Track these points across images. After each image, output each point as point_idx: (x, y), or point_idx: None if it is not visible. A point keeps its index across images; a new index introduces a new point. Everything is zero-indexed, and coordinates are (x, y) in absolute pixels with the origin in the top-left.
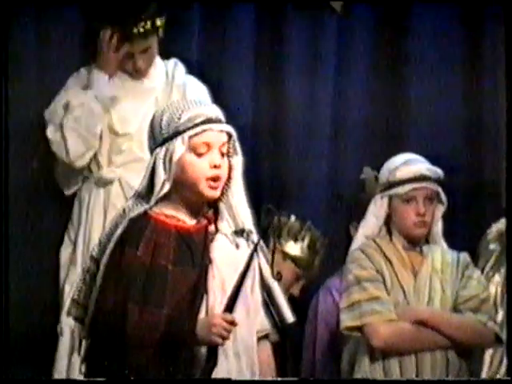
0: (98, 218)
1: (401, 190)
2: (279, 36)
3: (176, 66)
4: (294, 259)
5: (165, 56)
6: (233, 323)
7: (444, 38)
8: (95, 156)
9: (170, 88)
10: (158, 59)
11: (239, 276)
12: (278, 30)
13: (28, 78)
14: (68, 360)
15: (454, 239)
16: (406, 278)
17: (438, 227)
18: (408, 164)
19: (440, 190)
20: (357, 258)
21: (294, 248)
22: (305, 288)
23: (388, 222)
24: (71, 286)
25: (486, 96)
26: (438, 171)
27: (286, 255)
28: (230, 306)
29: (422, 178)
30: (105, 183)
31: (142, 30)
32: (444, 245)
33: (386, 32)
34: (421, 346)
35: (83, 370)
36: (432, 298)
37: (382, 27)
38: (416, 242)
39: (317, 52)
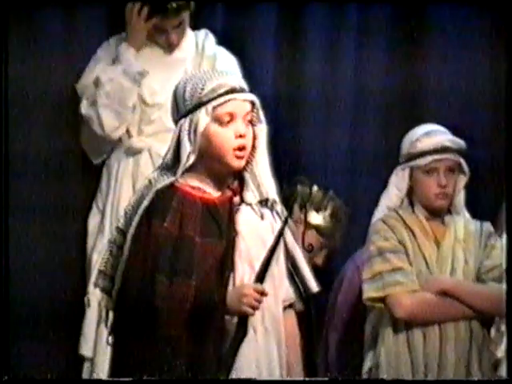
0: (126, 187)
1: (422, 161)
2: (301, 11)
3: (207, 37)
4: (317, 228)
5: (195, 27)
6: (263, 293)
7: (463, 9)
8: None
9: (201, 58)
10: (188, 31)
11: (269, 250)
12: (300, 6)
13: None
14: (95, 331)
15: (476, 209)
16: (429, 248)
17: (461, 198)
18: (429, 135)
19: (462, 160)
20: (379, 229)
21: (317, 217)
22: (328, 257)
23: (410, 193)
24: (99, 254)
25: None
26: (460, 142)
27: (309, 225)
28: (260, 277)
29: (443, 150)
30: (134, 152)
31: (175, 5)
32: (467, 215)
33: (406, 11)
34: (444, 316)
35: (110, 341)
36: (455, 269)
37: (401, 6)
38: (438, 213)
39: (338, 22)
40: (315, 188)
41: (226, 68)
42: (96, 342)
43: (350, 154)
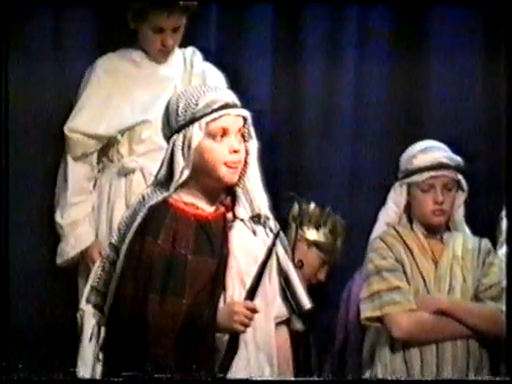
0: (119, 207)
1: (418, 178)
2: (298, 21)
3: (194, 54)
4: (317, 245)
5: (182, 44)
6: (254, 310)
7: (463, 23)
8: (116, 145)
9: (189, 76)
10: (176, 47)
11: (260, 265)
12: (297, 15)
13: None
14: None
15: (474, 225)
16: (427, 266)
17: (460, 214)
18: (426, 152)
19: (460, 177)
20: (377, 247)
21: (316, 234)
22: (330, 272)
23: (408, 209)
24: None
25: (506, 81)
26: (457, 159)
27: (309, 242)
28: (250, 294)
29: (439, 166)
30: (126, 173)
31: (182, 3)
32: (467, 231)
33: (406, 18)
34: (441, 336)
35: (101, 357)
36: (453, 287)
37: (401, 14)
38: (436, 230)
39: (336, 37)
40: (312, 205)
41: (215, 84)
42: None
43: (350, 169)
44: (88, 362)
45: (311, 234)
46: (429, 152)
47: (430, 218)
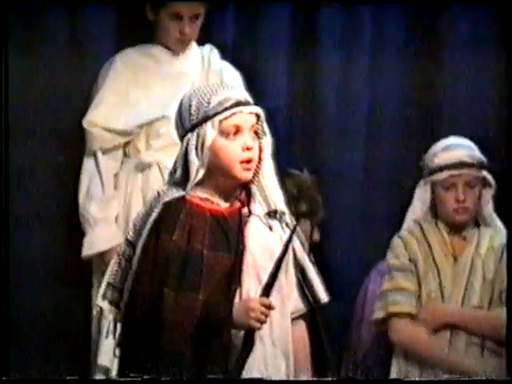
0: (136, 202)
1: (439, 176)
2: (314, 19)
3: (212, 52)
4: (304, 215)
5: (200, 42)
6: (270, 307)
7: (479, 20)
8: (133, 140)
9: (207, 73)
10: (194, 44)
11: (276, 261)
12: (313, 13)
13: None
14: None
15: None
16: (445, 262)
17: (489, 209)
18: (447, 150)
19: (485, 173)
20: (394, 246)
21: (301, 207)
22: (321, 230)
23: (434, 206)
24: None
25: None
26: (479, 156)
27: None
28: (266, 291)
29: (460, 165)
30: (143, 167)
31: None
32: (498, 226)
33: (420, 16)
34: (430, 361)
35: (117, 353)
36: (471, 282)
37: (415, 11)
38: (460, 228)
39: (352, 35)
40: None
41: (233, 82)
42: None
43: (365, 165)
44: (109, 355)
45: (298, 210)
46: (450, 150)
47: (453, 216)
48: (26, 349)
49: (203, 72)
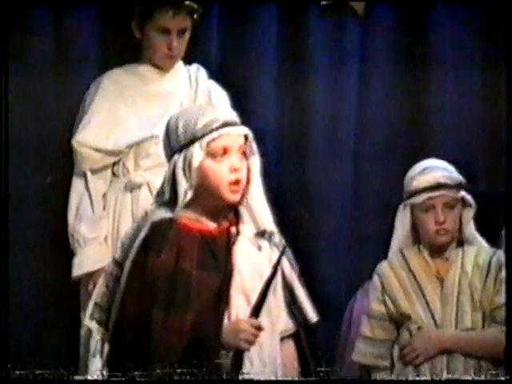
0: (125, 222)
1: (418, 199)
2: (301, 37)
3: (198, 71)
4: None
5: (186, 60)
6: (259, 328)
7: (464, 38)
8: (121, 160)
9: (195, 93)
10: (181, 63)
11: (265, 282)
12: (299, 31)
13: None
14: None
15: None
16: (431, 287)
17: (471, 228)
18: (424, 173)
19: (464, 193)
20: (373, 286)
21: None
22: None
23: (414, 230)
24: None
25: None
26: (457, 177)
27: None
28: (255, 311)
29: (437, 187)
30: (132, 187)
31: (187, 3)
32: (482, 244)
33: (407, 32)
34: None
35: (105, 373)
36: (461, 304)
37: (402, 27)
38: (442, 249)
39: (339, 53)
40: None
41: (220, 102)
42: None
43: (354, 186)
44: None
45: None
46: (427, 173)
47: (434, 237)
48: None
49: (191, 91)
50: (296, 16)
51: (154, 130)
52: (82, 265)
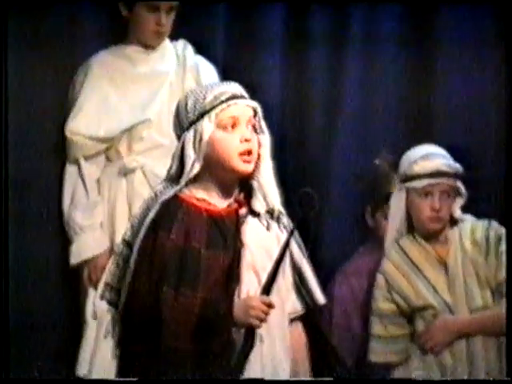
0: (121, 207)
1: (417, 184)
2: (306, 20)
3: (186, 47)
4: None
5: (186, 37)
6: (270, 306)
7: (472, 24)
8: (115, 144)
9: (183, 70)
10: (167, 41)
11: (275, 263)
12: (305, 14)
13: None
14: (93, 350)
15: None
16: (435, 274)
17: (459, 212)
18: (426, 158)
19: (460, 183)
20: (378, 286)
21: None
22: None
23: (408, 215)
24: None
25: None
26: (457, 166)
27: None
28: (266, 289)
29: (438, 174)
30: (126, 172)
31: None
32: (471, 219)
33: (412, 16)
34: None
35: (117, 353)
36: (468, 285)
37: (407, 12)
38: (436, 234)
39: (344, 38)
40: None
41: (209, 77)
42: (92, 361)
43: (355, 166)
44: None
45: None
46: (429, 159)
47: (427, 224)
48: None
49: (179, 69)
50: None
51: (145, 113)
52: (79, 252)
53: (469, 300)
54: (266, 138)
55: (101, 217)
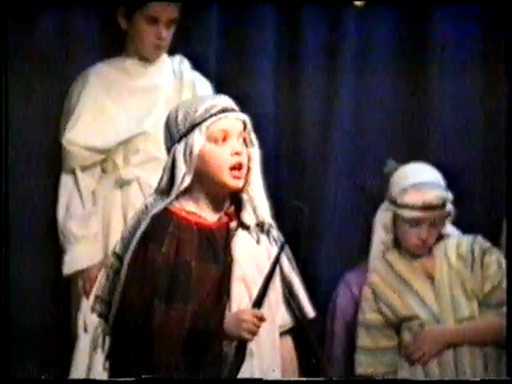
0: (116, 219)
1: (406, 213)
2: (299, 31)
3: (182, 62)
4: None
5: (181, 51)
6: (262, 319)
7: (466, 38)
8: (111, 156)
9: (180, 85)
10: (165, 56)
11: (266, 277)
12: (297, 25)
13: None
14: (88, 360)
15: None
16: (422, 286)
17: (447, 227)
18: (418, 189)
19: (449, 207)
20: (365, 298)
21: None
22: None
23: (394, 233)
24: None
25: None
26: (448, 196)
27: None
28: (258, 302)
29: (429, 207)
30: (122, 184)
31: None
32: (459, 233)
33: (407, 27)
34: None
35: (107, 366)
36: (455, 296)
37: (401, 22)
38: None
39: (337, 47)
40: None
41: (205, 93)
42: (88, 371)
43: (350, 182)
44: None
45: None
46: (421, 190)
47: (413, 249)
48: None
49: (176, 84)
50: (293, 8)
51: (142, 125)
52: (72, 262)
53: (455, 310)
54: (255, 151)
55: (95, 228)
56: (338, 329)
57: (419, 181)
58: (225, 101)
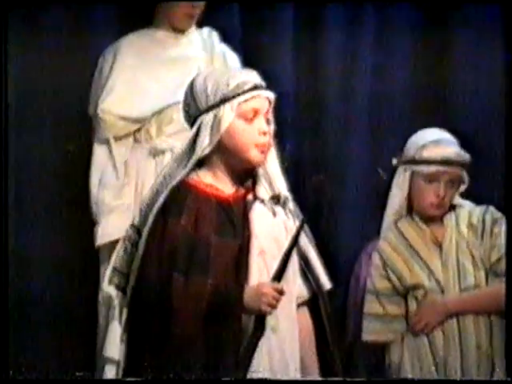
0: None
1: (425, 169)
2: (319, 11)
3: (211, 35)
4: None
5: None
6: (281, 292)
7: (486, 19)
8: (144, 126)
9: (211, 56)
10: (194, 28)
11: (287, 248)
12: (317, 6)
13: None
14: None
15: None
16: (430, 254)
17: (457, 198)
18: (437, 145)
19: (464, 173)
20: (375, 264)
21: None
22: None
23: (409, 196)
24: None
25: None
26: (466, 156)
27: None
28: (278, 276)
29: (448, 162)
30: (156, 154)
31: None
32: (472, 204)
33: (427, 8)
34: None
35: (124, 338)
36: (462, 264)
37: (422, 3)
38: (435, 218)
39: (355, 27)
40: None
41: (234, 65)
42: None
43: (370, 150)
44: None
45: None
46: (440, 145)
47: (428, 209)
48: (26, 343)
49: (207, 55)
50: None
51: (175, 96)
52: (106, 233)
53: (461, 278)
54: (272, 127)
55: (129, 198)
56: (359, 298)
57: (437, 137)
58: (255, 77)
